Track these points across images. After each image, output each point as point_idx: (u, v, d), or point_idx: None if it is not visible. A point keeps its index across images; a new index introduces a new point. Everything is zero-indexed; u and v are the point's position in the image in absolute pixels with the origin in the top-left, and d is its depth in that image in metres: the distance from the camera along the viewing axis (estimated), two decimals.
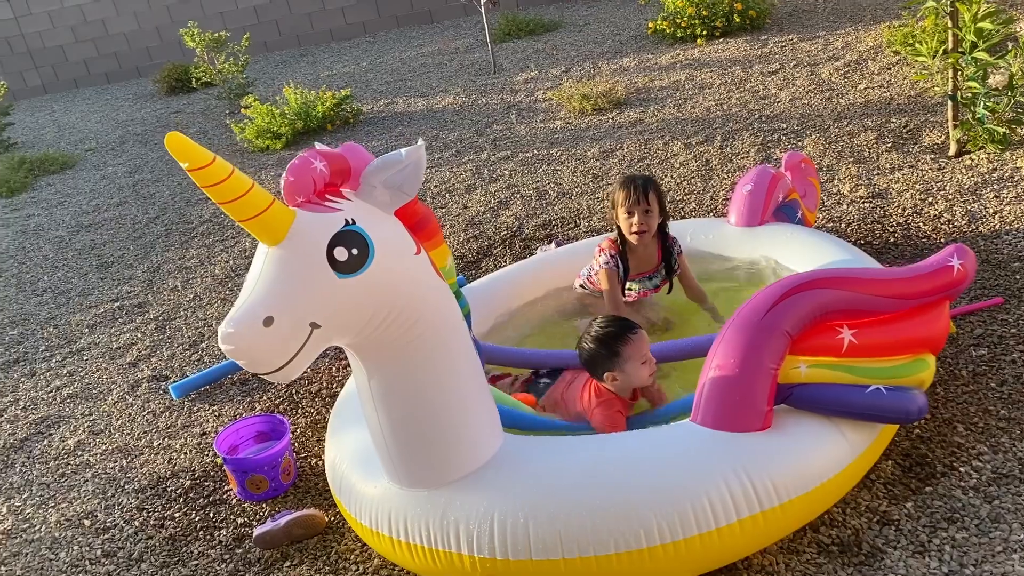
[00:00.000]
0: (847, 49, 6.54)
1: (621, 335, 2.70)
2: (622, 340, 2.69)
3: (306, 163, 2.03)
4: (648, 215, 3.27)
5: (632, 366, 2.69)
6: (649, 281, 3.46)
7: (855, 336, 2.26)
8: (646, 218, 3.27)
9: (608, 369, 2.72)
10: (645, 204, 3.26)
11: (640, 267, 3.42)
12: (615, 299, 3.35)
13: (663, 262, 3.43)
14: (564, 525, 2.13)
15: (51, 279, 5.54)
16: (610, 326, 2.75)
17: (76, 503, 3.27)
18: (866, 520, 2.41)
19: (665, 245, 3.41)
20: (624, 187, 3.29)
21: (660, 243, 3.41)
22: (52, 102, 11.16)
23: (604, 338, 2.72)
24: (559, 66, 7.79)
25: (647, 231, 3.30)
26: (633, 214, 3.27)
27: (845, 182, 4.46)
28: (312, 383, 3.71)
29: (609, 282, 3.35)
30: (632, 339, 2.69)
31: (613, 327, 2.74)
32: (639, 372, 2.70)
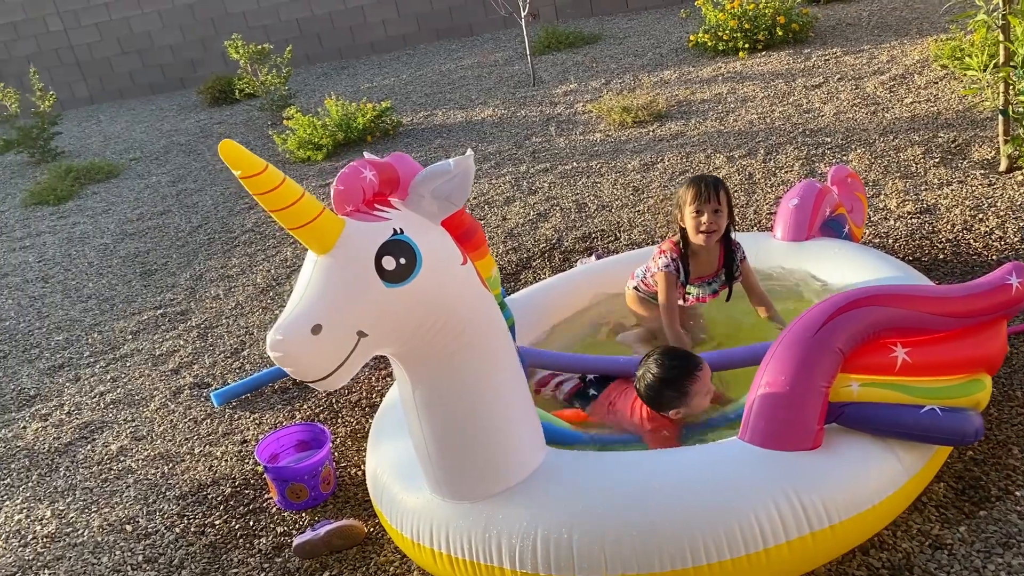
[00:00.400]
0: (893, 63, 6.45)
1: (690, 374, 2.65)
2: (690, 379, 2.64)
3: (356, 172, 2.04)
4: (718, 215, 3.15)
5: (697, 400, 2.67)
6: (708, 286, 3.36)
7: (909, 355, 2.21)
8: (715, 218, 3.15)
9: (674, 407, 2.68)
10: (715, 203, 3.13)
11: (700, 271, 3.32)
12: (670, 306, 3.25)
13: (724, 267, 3.33)
14: (609, 542, 2.10)
15: (96, 286, 5.62)
16: (676, 364, 2.66)
17: (118, 508, 3.29)
18: (918, 544, 2.34)
19: (728, 249, 3.29)
20: (694, 185, 3.16)
21: (723, 247, 3.30)
22: (99, 112, 11.39)
23: (672, 380, 2.65)
24: (599, 78, 7.77)
25: (716, 231, 3.18)
26: (703, 213, 3.14)
27: (892, 197, 4.38)
28: (352, 393, 3.72)
29: (667, 286, 3.24)
30: (699, 376, 2.65)
31: (679, 366, 2.66)
32: (703, 403, 2.69)
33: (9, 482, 3.63)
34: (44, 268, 6.13)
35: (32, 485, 3.57)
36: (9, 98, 8.91)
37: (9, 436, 3.99)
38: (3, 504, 3.47)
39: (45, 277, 5.95)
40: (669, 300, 3.26)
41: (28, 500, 3.47)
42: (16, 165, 9.31)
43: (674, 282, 3.26)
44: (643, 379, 2.71)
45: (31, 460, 3.76)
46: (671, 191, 5.05)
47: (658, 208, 4.87)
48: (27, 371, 4.62)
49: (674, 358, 2.70)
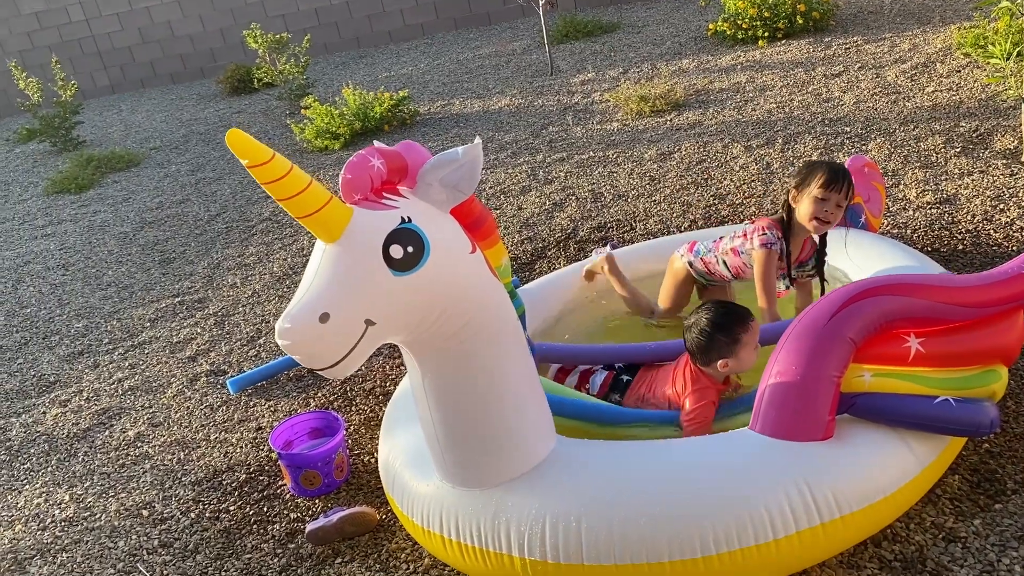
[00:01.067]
0: (914, 51, 6.36)
1: (743, 321, 2.68)
2: (743, 326, 2.67)
3: (364, 161, 2.03)
4: (839, 209, 3.02)
5: (746, 352, 2.68)
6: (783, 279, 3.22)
7: (923, 345, 2.19)
8: (836, 211, 3.02)
9: (724, 356, 2.67)
10: (843, 196, 3.00)
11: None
12: (768, 285, 3.05)
13: (815, 260, 3.22)
14: (617, 530, 2.10)
15: (115, 274, 5.68)
16: (729, 312, 2.72)
17: (135, 493, 3.33)
18: (931, 536, 2.32)
19: (822, 244, 3.20)
20: (828, 170, 2.99)
21: (816, 242, 3.21)
22: (120, 102, 11.47)
23: (726, 324, 2.67)
24: (617, 67, 7.73)
25: (830, 224, 3.04)
26: (828, 200, 2.98)
27: (911, 187, 4.33)
28: (366, 381, 3.73)
29: (767, 265, 3.04)
30: (752, 326, 2.69)
31: (731, 312, 2.72)
32: (750, 358, 2.69)
33: (29, 466, 3.68)
34: (65, 256, 6.19)
35: (51, 469, 3.62)
36: (31, 87, 9.00)
37: (29, 421, 4.05)
38: (23, 488, 3.52)
39: (66, 265, 6.02)
40: (768, 281, 3.06)
41: (47, 484, 3.51)
42: (38, 154, 9.40)
43: (774, 260, 3.08)
44: (693, 328, 2.73)
45: (50, 445, 3.81)
46: (688, 180, 5.02)
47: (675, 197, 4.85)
48: (47, 357, 4.67)
49: (725, 306, 2.75)
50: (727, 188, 4.81)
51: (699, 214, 4.59)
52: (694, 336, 2.72)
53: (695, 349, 2.73)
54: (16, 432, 3.97)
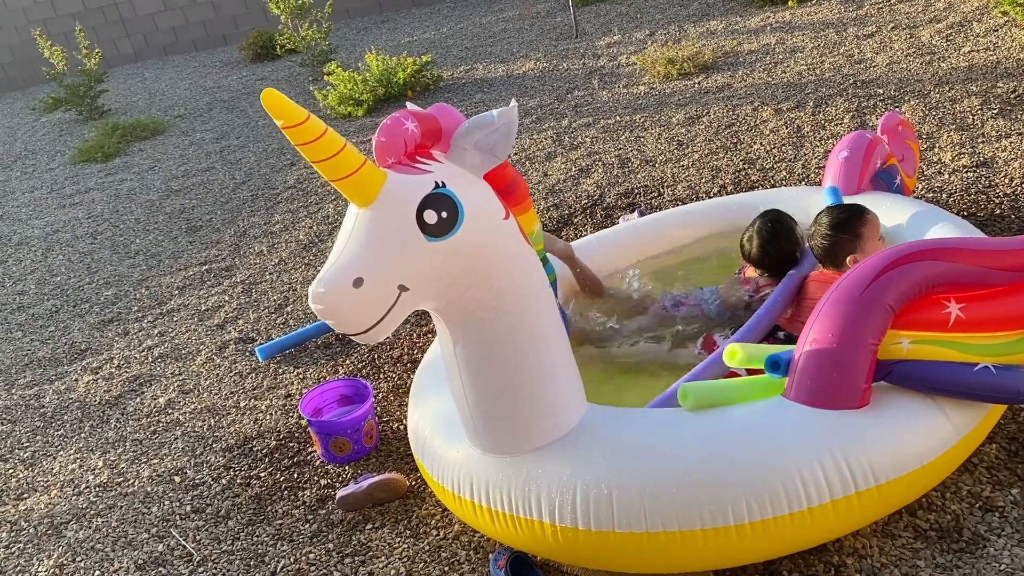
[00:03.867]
0: (950, 10, 6.19)
1: (860, 215, 2.83)
2: (862, 221, 2.82)
3: (398, 123, 2.01)
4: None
5: (871, 244, 2.80)
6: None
7: (963, 311, 2.14)
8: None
9: (851, 252, 2.80)
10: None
11: None
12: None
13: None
14: (649, 498, 2.09)
15: (143, 242, 5.71)
16: (843, 212, 2.86)
17: (167, 459, 3.37)
18: (967, 505, 2.30)
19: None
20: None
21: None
22: (143, 70, 11.47)
23: (845, 223, 2.82)
24: (643, 29, 7.61)
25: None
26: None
27: (946, 150, 4.24)
28: (394, 348, 3.74)
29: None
30: (870, 219, 2.83)
31: (847, 209, 2.87)
32: (877, 249, 2.77)
33: (63, 433, 3.73)
34: (93, 224, 6.23)
35: (85, 436, 3.67)
36: (56, 56, 9.01)
37: (62, 388, 4.10)
38: (57, 454, 3.57)
39: (94, 233, 6.06)
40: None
41: (81, 451, 3.56)
42: (64, 123, 9.44)
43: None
44: (815, 236, 2.88)
45: (83, 412, 3.86)
46: (717, 144, 4.95)
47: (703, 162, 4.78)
48: (78, 325, 4.72)
49: (839, 207, 2.91)
50: (757, 152, 4.74)
51: (728, 179, 4.53)
52: (818, 243, 2.88)
53: (823, 254, 2.88)
54: (49, 399, 4.03)
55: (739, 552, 2.13)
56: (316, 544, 2.74)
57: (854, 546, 2.26)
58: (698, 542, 2.09)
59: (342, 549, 2.69)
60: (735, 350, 2.33)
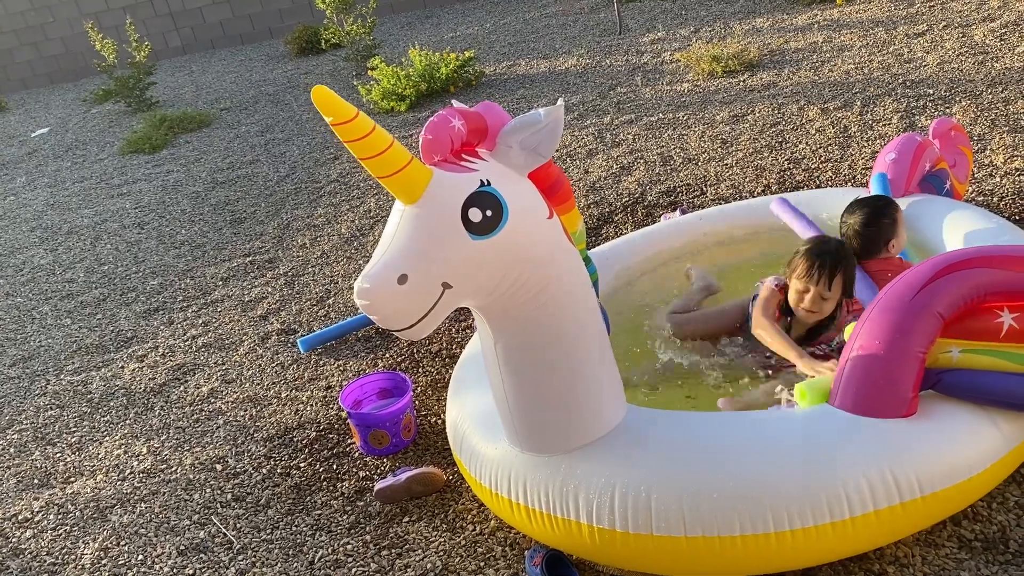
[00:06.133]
0: (1004, 8, 6.05)
1: (889, 202, 2.97)
2: (893, 206, 2.96)
3: (445, 121, 2.01)
4: (824, 301, 2.79)
5: (903, 231, 2.96)
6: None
7: (1016, 320, 2.09)
8: (820, 304, 2.80)
9: (889, 237, 2.93)
10: (825, 287, 2.76)
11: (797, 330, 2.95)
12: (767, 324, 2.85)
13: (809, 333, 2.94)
14: (688, 502, 2.07)
15: (188, 233, 5.80)
16: (874, 201, 2.98)
17: (209, 448, 3.42)
18: (1014, 516, 2.25)
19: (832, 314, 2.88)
20: (808, 258, 2.78)
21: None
22: (191, 62, 11.65)
23: (881, 209, 2.94)
24: (688, 26, 7.54)
25: (817, 315, 2.83)
26: (808, 291, 2.79)
27: (999, 153, 4.14)
28: (432, 343, 3.76)
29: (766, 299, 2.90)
30: (899, 207, 2.98)
31: (876, 201, 2.98)
32: (904, 236, 2.98)
33: (109, 419, 3.80)
34: (140, 215, 6.35)
35: (130, 423, 3.74)
36: (107, 49, 9.18)
37: (109, 375, 4.18)
38: (103, 439, 3.65)
39: (141, 223, 6.17)
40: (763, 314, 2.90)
41: (126, 437, 3.63)
42: (114, 114, 9.62)
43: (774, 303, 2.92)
44: (850, 228, 2.95)
45: (128, 399, 3.93)
46: (761, 144, 4.89)
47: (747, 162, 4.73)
48: (124, 314, 4.81)
49: (862, 200, 3.00)
50: (802, 152, 4.67)
51: (773, 179, 4.47)
52: (859, 232, 2.92)
53: (867, 245, 2.93)
54: (96, 385, 4.11)
55: (778, 559, 2.11)
56: (354, 535, 2.76)
57: (895, 555, 2.23)
58: (737, 548, 2.08)
59: (379, 541, 2.71)
60: (804, 391, 2.29)
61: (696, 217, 3.72)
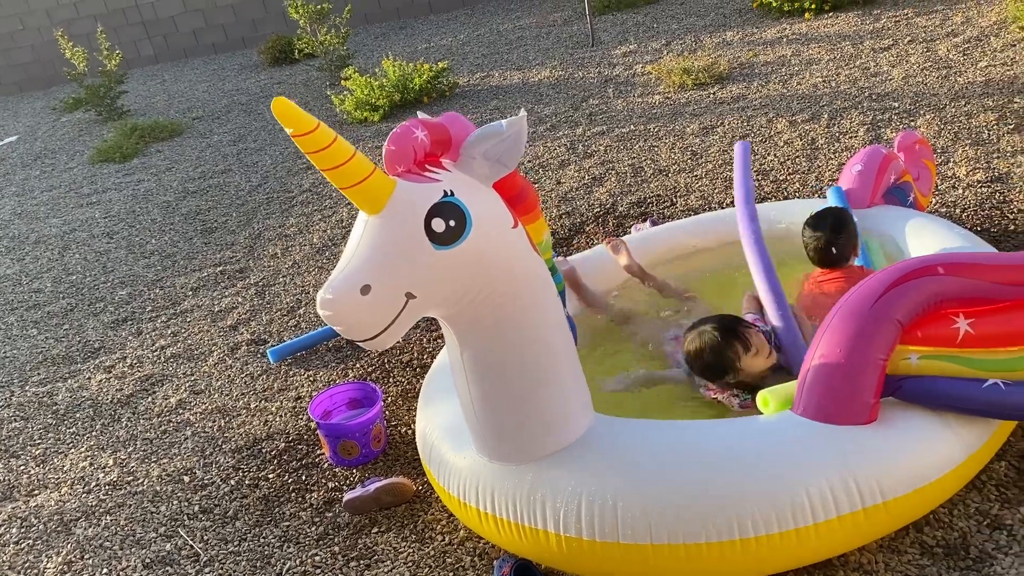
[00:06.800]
0: (967, 24, 6.17)
1: (846, 212, 3.06)
2: (850, 214, 3.05)
3: (408, 132, 2.02)
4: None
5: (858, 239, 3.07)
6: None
7: (972, 326, 2.13)
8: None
9: (855, 243, 3.03)
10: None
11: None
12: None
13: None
14: (654, 510, 2.09)
15: (158, 242, 5.75)
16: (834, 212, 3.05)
17: (177, 459, 3.39)
18: (975, 523, 2.28)
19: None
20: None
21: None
22: (163, 71, 11.57)
23: (844, 219, 3.01)
24: (659, 39, 7.61)
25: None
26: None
27: (961, 165, 4.22)
28: (403, 353, 3.75)
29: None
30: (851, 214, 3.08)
31: (835, 211, 3.06)
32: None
33: (75, 430, 3.76)
34: (109, 224, 6.29)
35: (96, 434, 3.70)
36: (77, 57, 9.10)
37: (75, 386, 4.13)
38: (69, 451, 3.60)
39: (110, 233, 6.11)
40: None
41: (92, 449, 3.59)
42: (84, 123, 9.53)
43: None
44: (819, 241, 3.00)
45: (95, 410, 3.89)
46: (731, 155, 4.94)
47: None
48: (92, 324, 4.76)
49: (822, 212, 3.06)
50: (771, 164, 4.73)
51: None
52: (822, 245, 2.98)
53: (835, 256, 2.99)
54: (62, 397, 4.06)
55: (743, 566, 2.12)
56: (322, 547, 2.75)
57: (859, 561, 2.25)
58: (702, 555, 2.09)
59: (348, 552, 2.70)
60: (767, 399, 2.32)
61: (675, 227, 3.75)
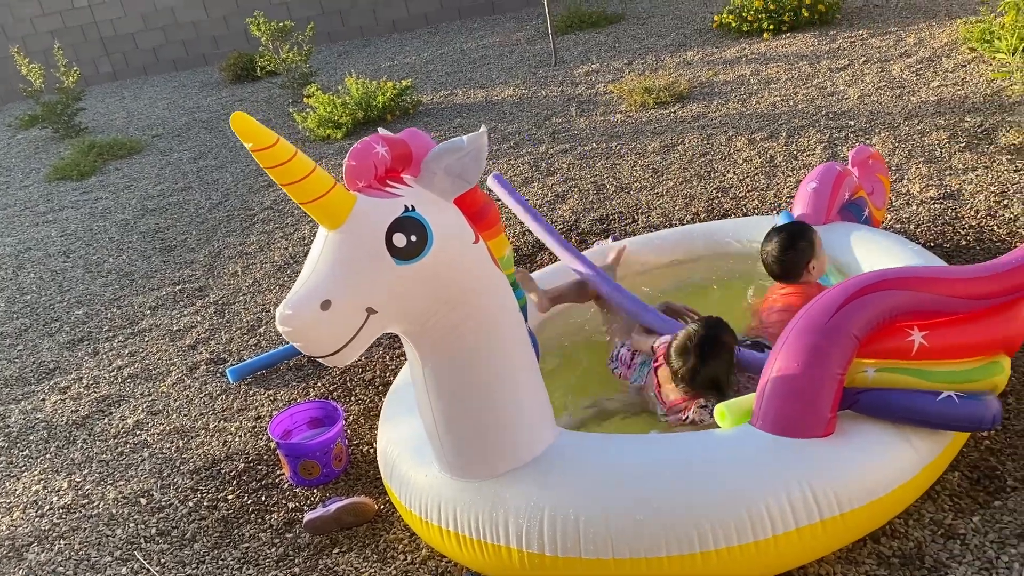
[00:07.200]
0: (920, 45, 6.33)
1: (805, 226, 3.09)
2: (811, 230, 3.07)
3: (368, 148, 2.02)
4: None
5: (822, 253, 3.07)
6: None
7: (926, 338, 2.17)
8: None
9: (808, 258, 3.02)
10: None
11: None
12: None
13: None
14: (615, 524, 2.10)
15: (116, 261, 5.66)
16: (792, 227, 3.09)
17: (133, 481, 3.33)
18: (930, 533, 2.32)
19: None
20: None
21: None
22: (122, 88, 11.44)
23: (799, 233, 3.04)
24: (621, 58, 7.70)
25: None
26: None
27: (915, 182, 4.31)
28: (365, 371, 3.73)
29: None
30: (815, 231, 3.09)
31: (794, 225, 3.10)
32: (823, 256, 3.08)
33: (28, 453, 3.67)
34: (66, 243, 6.18)
35: (50, 457, 3.61)
36: (34, 74, 8.96)
37: (29, 408, 4.04)
38: (21, 475, 3.52)
39: (67, 252, 6.01)
40: None
41: (46, 472, 3.51)
42: (40, 140, 9.38)
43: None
44: (769, 256, 3.06)
45: (49, 432, 3.80)
46: (691, 173, 5.00)
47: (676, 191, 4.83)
48: (47, 344, 4.67)
49: (782, 226, 3.12)
50: (730, 181, 4.79)
51: (702, 207, 4.58)
52: (778, 258, 3.03)
53: (788, 268, 3.04)
54: (15, 419, 3.97)
55: None
56: (282, 568, 2.71)
57: (818, 572, 2.27)
58: (664, 568, 2.10)
59: (308, 573, 2.66)
60: (724, 412, 2.34)
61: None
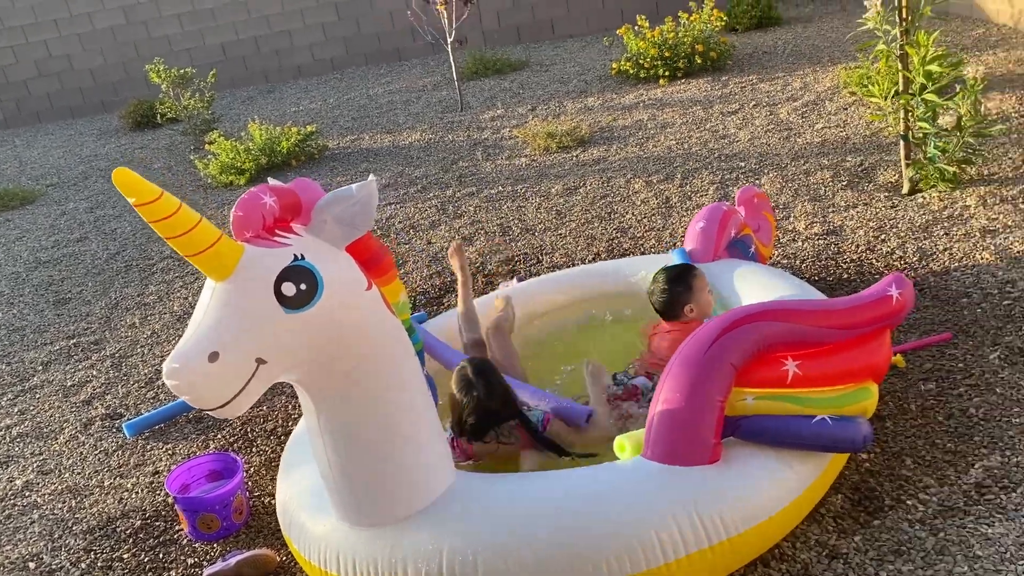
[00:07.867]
0: (805, 90, 6.69)
1: (689, 270, 3.19)
2: (692, 275, 3.16)
3: (255, 198, 2.04)
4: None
5: (703, 295, 3.14)
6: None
7: (799, 367, 2.30)
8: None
9: (686, 302, 3.12)
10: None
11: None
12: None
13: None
14: (514, 562, 2.12)
15: (5, 316, 5.45)
16: (675, 269, 3.21)
17: (21, 545, 3.19)
18: (815, 554, 2.42)
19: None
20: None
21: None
22: (14, 136, 11.07)
23: (678, 277, 3.15)
24: (525, 104, 7.88)
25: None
26: None
27: (800, 219, 4.54)
28: (267, 421, 3.67)
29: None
30: (698, 274, 3.18)
31: (679, 268, 3.22)
32: (708, 302, 3.16)
33: None
34: None
35: None
36: None
37: None
38: None
39: None
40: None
41: None
42: None
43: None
44: (653, 293, 3.19)
45: None
46: (592, 214, 5.14)
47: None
48: None
49: (671, 267, 3.24)
50: (629, 222, 4.95)
51: (602, 247, 4.70)
52: (659, 298, 3.17)
53: (665, 307, 3.17)
54: None
55: None
56: None
57: None
58: None
59: None
60: (623, 444, 2.42)
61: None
